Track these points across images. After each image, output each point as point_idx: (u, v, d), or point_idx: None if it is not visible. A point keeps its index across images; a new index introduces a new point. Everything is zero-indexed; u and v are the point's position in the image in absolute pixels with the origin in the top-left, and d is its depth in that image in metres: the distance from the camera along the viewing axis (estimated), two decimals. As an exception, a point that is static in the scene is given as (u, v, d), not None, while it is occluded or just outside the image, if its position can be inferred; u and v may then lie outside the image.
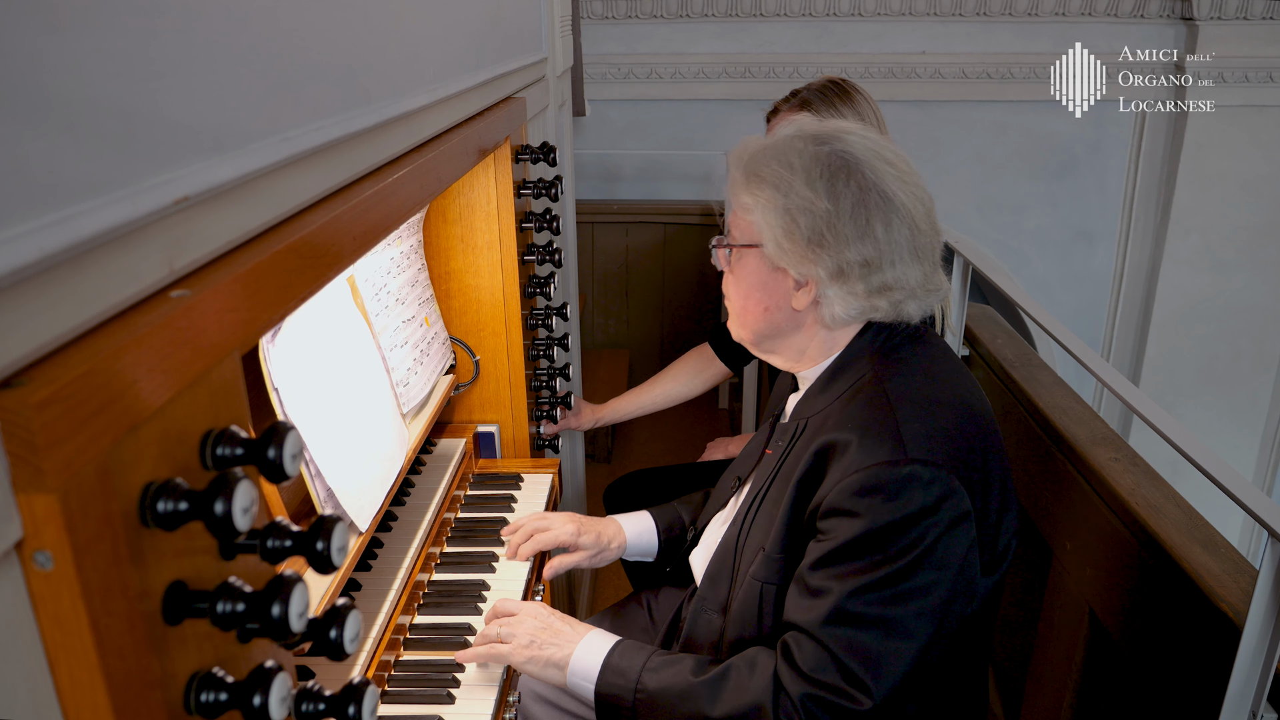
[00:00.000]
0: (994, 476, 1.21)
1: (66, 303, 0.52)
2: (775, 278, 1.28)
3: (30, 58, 0.48)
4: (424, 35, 1.19)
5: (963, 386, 1.27)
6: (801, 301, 1.27)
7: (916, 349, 1.28)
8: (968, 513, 1.15)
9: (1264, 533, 1.25)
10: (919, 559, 1.12)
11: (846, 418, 1.21)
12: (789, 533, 1.24)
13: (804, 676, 1.15)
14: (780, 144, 1.28)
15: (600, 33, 4.94)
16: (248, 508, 0.60)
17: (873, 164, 1.24)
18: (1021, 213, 5.12)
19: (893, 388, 1.21)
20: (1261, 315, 5.02)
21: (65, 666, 0.53)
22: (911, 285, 1.25)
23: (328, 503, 1.24)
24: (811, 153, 1.24)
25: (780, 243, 1.24)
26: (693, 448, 2.76)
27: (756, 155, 1.28)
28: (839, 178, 1.22)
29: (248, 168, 0.70)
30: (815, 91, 1.96)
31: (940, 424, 1.18)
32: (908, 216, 1.24)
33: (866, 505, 1.12)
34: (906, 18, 4.90)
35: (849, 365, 1.28)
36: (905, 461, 1.12)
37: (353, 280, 1.51)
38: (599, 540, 1.60)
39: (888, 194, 1.22)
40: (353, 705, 0.76)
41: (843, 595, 1.13)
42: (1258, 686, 1.29)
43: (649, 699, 1.25)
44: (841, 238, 1.21)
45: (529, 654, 1.32)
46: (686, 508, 1.68)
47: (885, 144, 1.29)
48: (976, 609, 1.22)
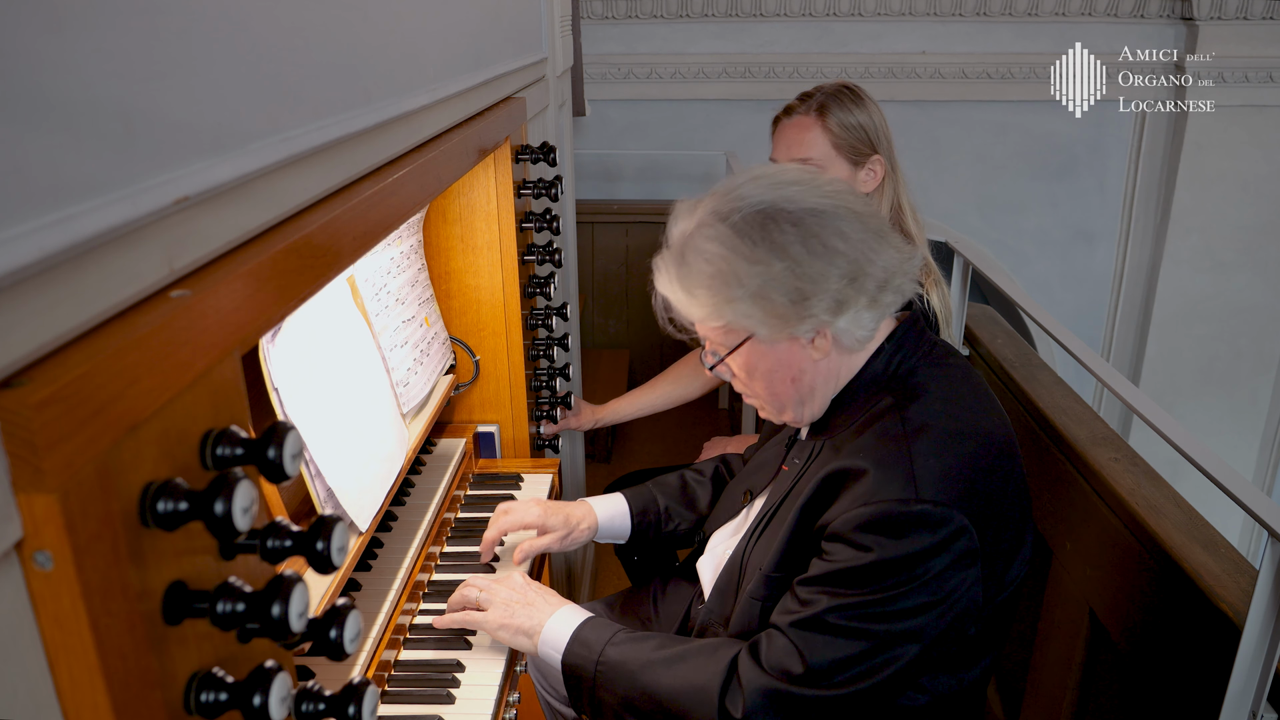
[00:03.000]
0: (1010, 508, 1.20)
1: (66, 303, 0.52)
2: (785, 349, 1.23)
3: (30, 58, 0.48)
4: (424, 35, 1.19)
5: (983, 413, 1.24)
6: (823, 349, 1.22)
7: (936, 371, 1.25)
8: (975, 551, 1.14)
9: (1264, 533, 1.25)
10: (915, 589, 1.12)
11: (861, 446, 1.19)
12: (787, 552, 1.24)
13: (763, 669, 1.16)
14: (692, 242, 1.21)
15: (600, 33, 4.94)
16: (248, 508, 0.60)
17: (783, 194, 1.19)
18: (1021, 213, 5.12)
19: (910, 418, 1.18)
20: (1261, 315, 5.02)
21: (65, 666, 0.53)
22: (895, 265, 1.22)
23: (328, 503, 1.24)
24: (727, 230, 1.18)
25: (769, 323, 1.19)
26: (693, 448, 2.76)
27: (681, 269, 1.22)
28: (770, 230, 1.17)
29: (248, 168, 0.70)
30: (831, 95, 1.97)
31: (956, 460, 1.15)
32: (847, 213, 1.20)
33: (873, 540, 1.12)
34: (906, 18, 4.90)
35: (866, 385, 1.26)
36: (916, 501, 1.11)
37: (353, 280, 1.51)
38: (567, 521, 1.58)
39: (818, 209, 1.18)
40: (353, 705, 0.76)
41: (827, 608, 1.14)
42: (1258, 686, 1.29)
43: (609, 669, 1.27)
44: (817, 277, 1.17)
45: (502, 620, 1.36)
46: (663, 490, 1.67)
47: (773, 169, 1.26)
48: (979, 631, 1.21)
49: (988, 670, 1.30)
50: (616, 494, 1.66)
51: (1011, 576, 1.22)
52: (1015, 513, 1.21)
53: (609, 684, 1.27)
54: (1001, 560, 1.20)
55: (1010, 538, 1.20)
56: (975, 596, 1.16)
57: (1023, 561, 1.24)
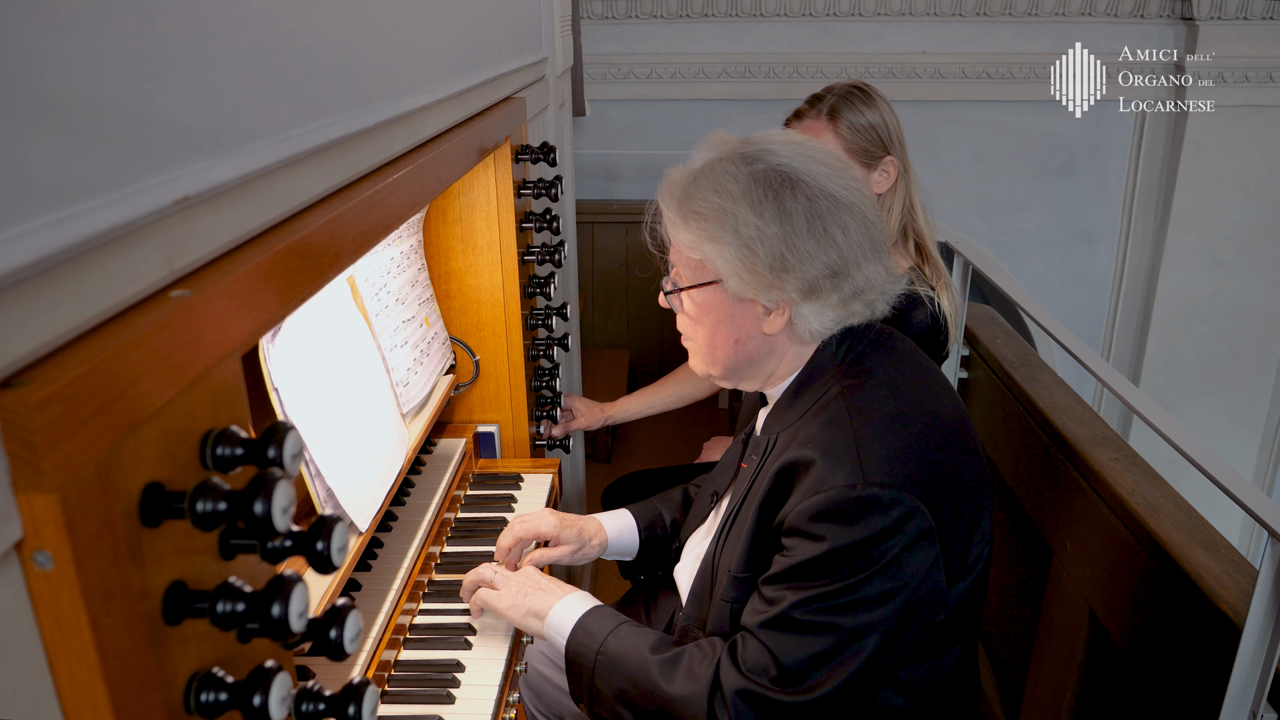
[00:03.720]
0: (964, 485, 1.20)
1: (66, 303, 0.52)
2: (741, 308, 1.23)
3: (30, 58, 0.48)
4: (424, 35, 1.19)
5: (930, 394, 1.25)
6: (775, 325, 1.23)
7: (883, 358, 1.26)
8: (929, 531, 1.14)
9: (1264, 533, 1.25)
10: (873, 575, 1.12)
11: (809, 436, 1.20)
12: (752, 552, 1.25)
13: (741, 673, 1.17)
14: (710, 172, 1.22)
15: (600, 33, 4.93)
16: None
17: (809, 169, 1.20)
18: (1021, 213, 5.12)
19: (855, 404, 1.19)
20: (1261, 315, 5.02)
21: (65, 666, 0.53)
22: (879, 283, 1.23)
23: (328, 503, 1.24)
24: (747, 174, 1.19)
25: (741, 275, 1.19)
26: (693, 448, 2.76)
27: (689, 190, 1.23)
28: (784, 194, 1.18)
29: (248, 168, 0.70)
30: (841, 97, 1.94)
31: (901, 441, 1.16)
32: (859, 213, 1.20)
33: (826, 529, 1.12)
34: (906, 18, 4.89)
35: (815, 377, 1.26)
36: (864, 485, 1.12)
37: (353, 280, 1.51)
38: (580, 536, 1.59)
39: (835, 195, 1.19)
40: (353, 705, 0.76)
41: (791, 604, 1.14)
42: (1258, 686, 1.29)
43: (608, 661, 1.29)
44: (804, 255, 1.17)
45: (514, 600, 1.38)
46: (667, 504, 1.67)
47: (809, 142, 1.25)
48: (949, 616, 1.21)
49: (965, 660, 1.30)
50: (623, 510, 1.66)
51: (973, 558, 1.23)
52: (969, 491, 1.21)
53: (606, 675, 1.28)
54: (959, 540, 1.20)
55: (968, 516, 1.20)
56: (938, 578, 1.17)
57: (983, 541, 1.24)
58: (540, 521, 1.56)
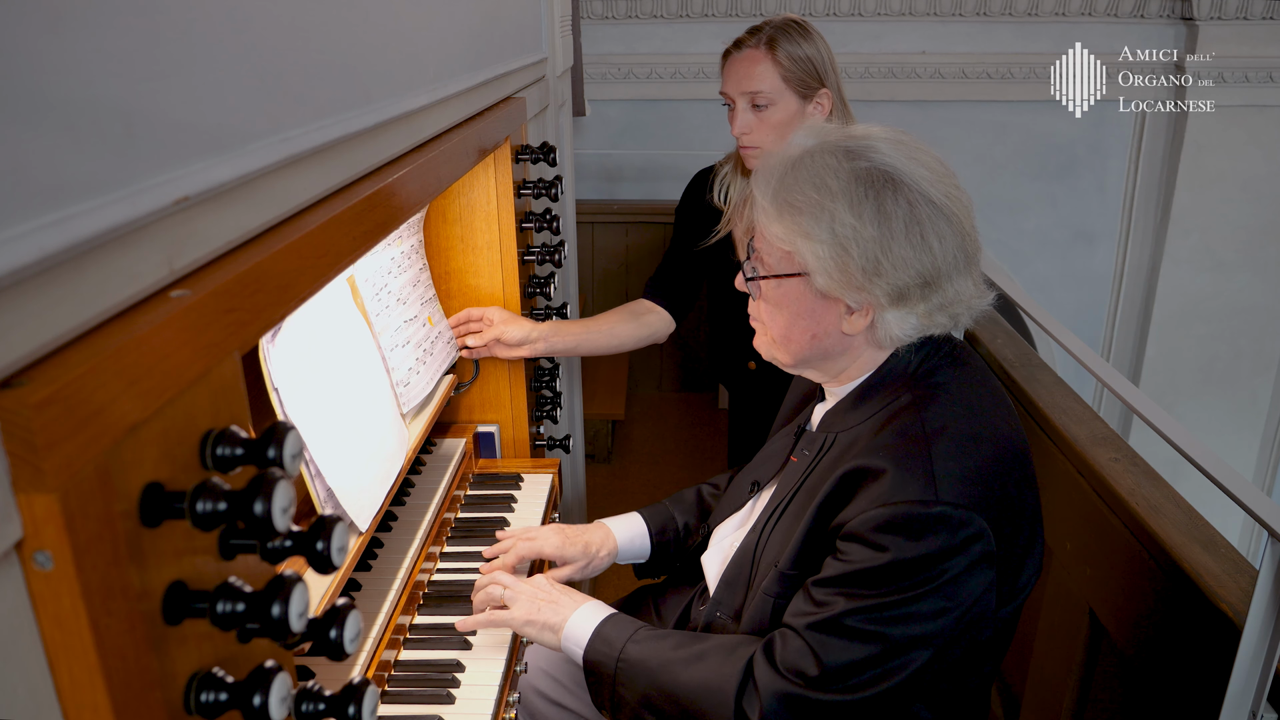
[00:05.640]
0: (1024, 514, 1.19)
1: (66, 303, 0.52)
2: (824, 305, 1.21)
3: (30, 58, 0.48)
4: (424, 35, 1.19)
5: (1000, 418, 1.23)
6: (856, 326, 1.20)
7: (956, 373, 1.24)
8: (991, 554, 1.13)
9: (1264, 533, 1.25)
10: (929, 592, 1.11)
11: (879, 444, 1.17)
12: (803, 550, 1.23)
13: (779, 672, 1.16)
14: (810, 163, 1.18)
15: (600, 33, 4.93)
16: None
17: (913, 171, 1.17)
18: (1021, 213, 5.12)
19: (930, 419, 1.17)
20: (1261, 315, 5.02)
21: (65, 666, 0.53)
22: (967, 297, 1.20)
23: (328, 503, 1.24)
24: (848, 171, 1.16)
25: (831, 274, 1.16)
26: (693, 448, 2.76)
27: (786, 179, 1.19)
28: (885, 195, 1.15)
29: (248, 168, 0.70)
30: (779, 29, 1.99)
31: (975, 462, 1.14)
32: (957, 223, 1.18)
33: (891, 541, 1.10)
34: (906, 18, 4.89)
35: (885, 383, 1.24)
36: (935, 503, 1.10)
37: (353, 280, 1.51)
38: (586, 550, 1.56)
39: (935, 202, 1.16)
40: (353, 705, 0.76)
41: (844, 610, 1.13)
42: (1258, 686, 1.29)
43: (629, 667, 1.27)
44: (898, 260, 1.14)
45: (528, 616, 1.36)
46: (680, 507, 1.66)
47: (914, 143, 1.22)
48: (990, 635, 1.21)
49: (989, 676, 1.30)
50: (633, 514, 1.64)
51: (1023, 581, 1.22)
52: (1028, 517, 1.20)
53: (628, 681, 1.27)
54: (1014, 565, 1.19)
55: (1024, 542, 1.20)
56: (989, 601, 1.16)
57: (1035, 567, 1.23)
58: (544, 542, 1.54)
